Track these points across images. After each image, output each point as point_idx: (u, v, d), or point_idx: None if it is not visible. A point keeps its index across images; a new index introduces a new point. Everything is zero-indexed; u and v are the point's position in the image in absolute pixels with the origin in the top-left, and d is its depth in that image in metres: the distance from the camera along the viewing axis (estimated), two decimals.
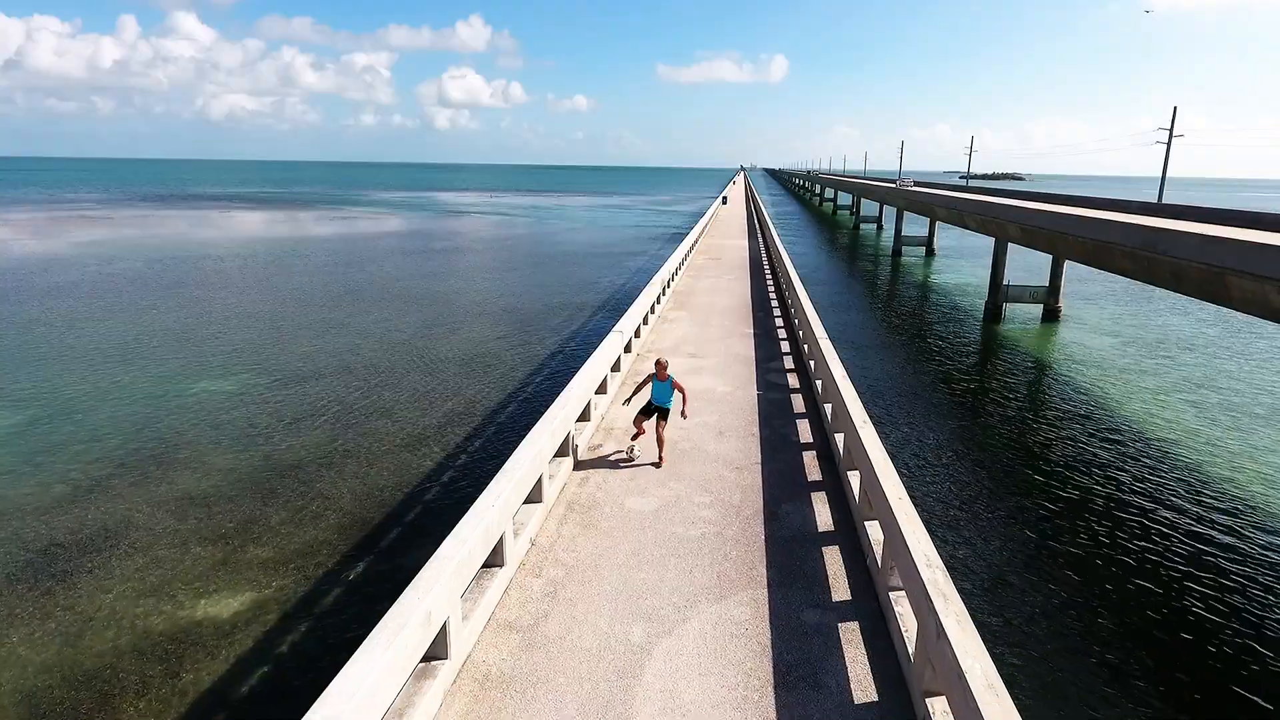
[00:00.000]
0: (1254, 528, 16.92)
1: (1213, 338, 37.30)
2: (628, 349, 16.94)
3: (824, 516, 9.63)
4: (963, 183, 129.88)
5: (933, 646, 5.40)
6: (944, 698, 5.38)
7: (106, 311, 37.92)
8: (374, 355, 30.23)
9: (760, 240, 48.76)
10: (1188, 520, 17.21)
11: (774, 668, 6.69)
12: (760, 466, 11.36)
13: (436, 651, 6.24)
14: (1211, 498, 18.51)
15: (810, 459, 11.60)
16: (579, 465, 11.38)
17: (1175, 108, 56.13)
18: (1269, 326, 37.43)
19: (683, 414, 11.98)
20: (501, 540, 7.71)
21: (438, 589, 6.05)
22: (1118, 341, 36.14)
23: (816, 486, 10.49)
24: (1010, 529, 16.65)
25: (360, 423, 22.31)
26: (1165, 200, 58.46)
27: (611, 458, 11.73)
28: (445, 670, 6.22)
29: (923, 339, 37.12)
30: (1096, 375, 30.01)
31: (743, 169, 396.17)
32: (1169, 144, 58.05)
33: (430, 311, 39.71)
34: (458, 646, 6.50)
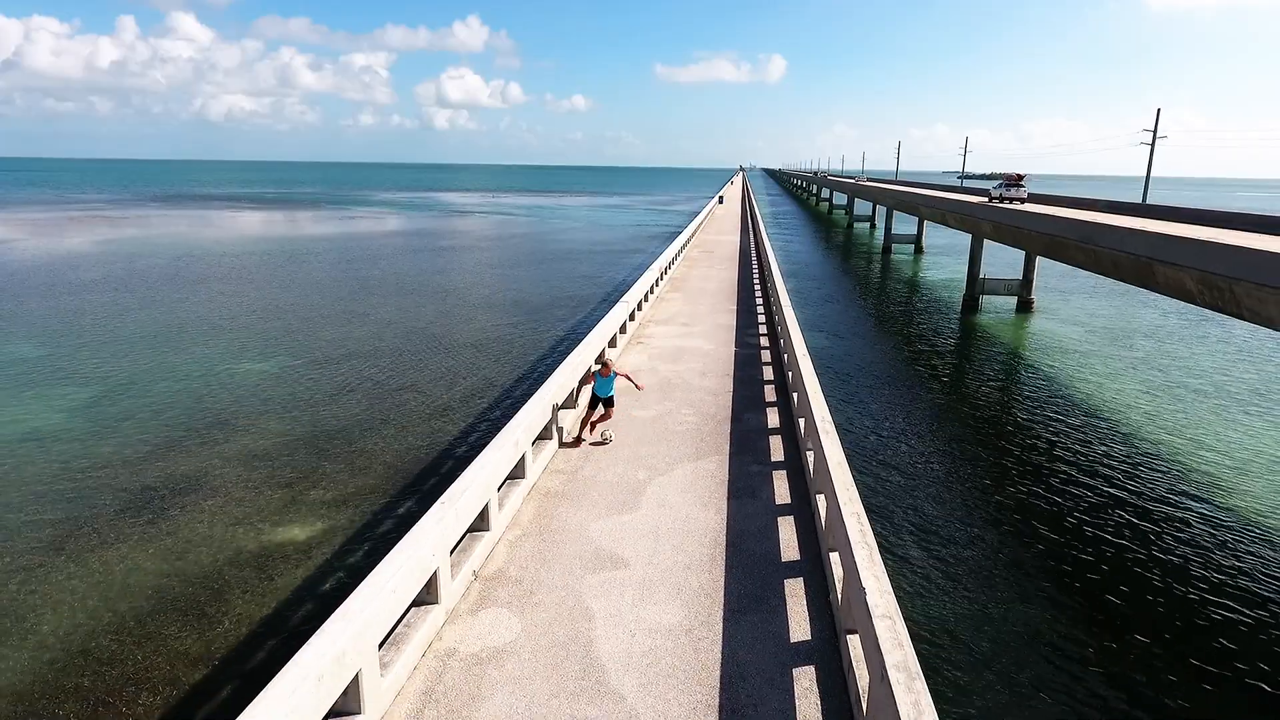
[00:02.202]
0: (1171, 480, 19.77)
1: (1172, 327, 40.12)
2: (631, 317, 20.33)
3: (773, 420, 13.90)
4: (958, 183, 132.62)
5: (818, 459, 8.79)
6: (823, 495, 8.42)
7: (142, 303, 40.69)
8: (396, 341, 33.03)
9: (751, 236, 51.59)
10: (1113, 472, 20.06)
11: (728, 489, 10.99)
12: (731, 393, 15.62)
13: (517, 473, 10.17)
14: (1138, 456, 21.35)
15: (770, 390, 15.83)
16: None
17: (1159, 110, 59.05)
18: (1224, 316, 40.30)
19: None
20: (550, 421, 11.83)
21: (520, 432, 9.91)
22: (1083, 330, 38.98)
23: (771, 405, 14.72)
24: (962, 481, 19.49)
25: (391, 396, 25.11)
26: (1153, 201, 61.39)
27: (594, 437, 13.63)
28: (523, 485, 10.46)
29: (902, 328, 39.96)
30: (1057, 358, 32.84)
31: (741, 169, 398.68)
32: (1153, 145, 60.98)
33: (443, 303, 42.52)
34: (530, 473, 10.75)
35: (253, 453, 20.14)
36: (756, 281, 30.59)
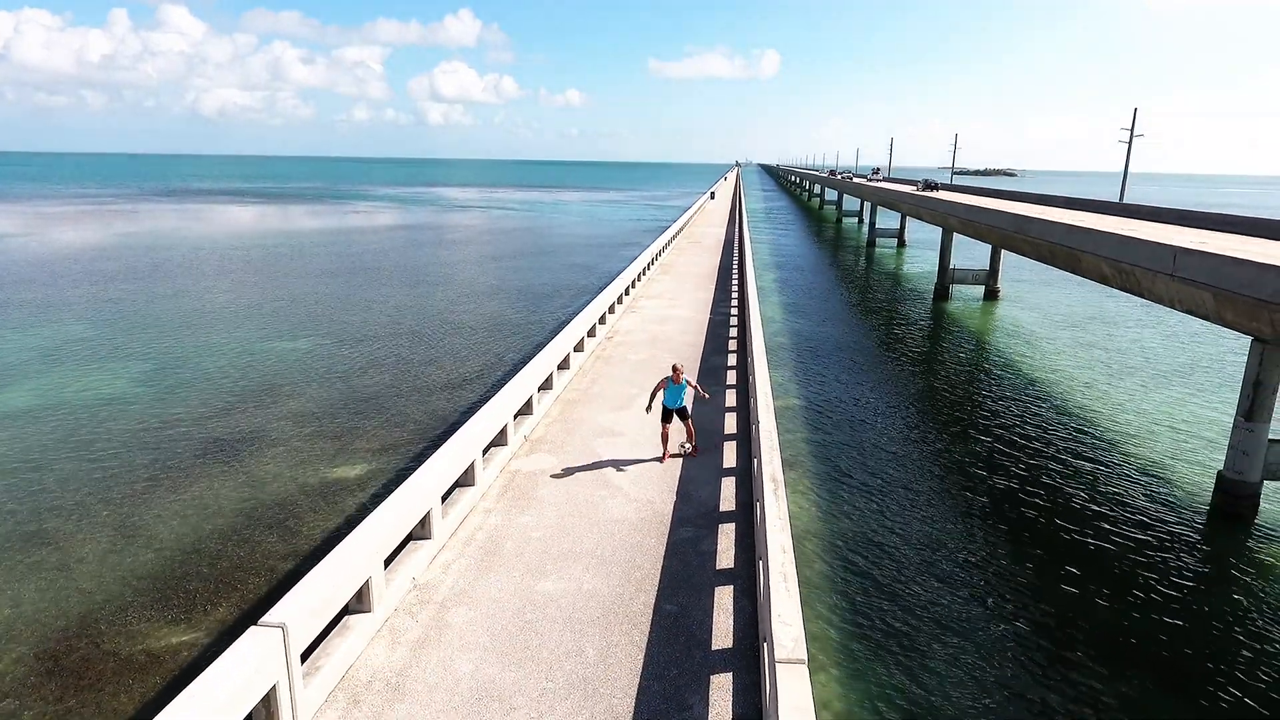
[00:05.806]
0: (1086, 436, 23.20)
1: (1129, 316, 43.50)
2: (627, 291, 24.67)
3: (732, 361, 18.89)
4: (950, 179, 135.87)
5: (753, 377, 12.62)
6: (753, 396, 12.10)
7: (172, 292, 43.87)
8: (413, 323, 36.30)
9: (737, 227, 54.96)
10: (1038, 428, 23.48)
11: (695, 399, 14.79)
12: (703, 344, 20.86)
13: (546, 384, 14.34)
14: (1063, 417, 24.78)
15: (733, 343, 20.86)
16: (600, 345, 20.72)
17: (1135, 109, 62.26)
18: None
19: (703, 395, 14.58)
20: (567, 357, 16.41)
21: (551, 355, 14.57)
22: (1040, 315, 42.43)
23: (732, 351, 19.69)
24: (905, 432, 22.90)
25: (415, 369, 28.40)
26: (1138, 200, 64.74)
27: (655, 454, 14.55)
28: (552, 394, 15.93)
29: (876, 313, 43.34)
30: (1010, 339, 36.27)
31: (737, 164, 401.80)
32: (1130, 143, 64.11)
33: (453, 290, 45.78)
34: (557, 386, 16.14)
35: (301, 413, 23.42)
36: (735, 267, 34.05)
